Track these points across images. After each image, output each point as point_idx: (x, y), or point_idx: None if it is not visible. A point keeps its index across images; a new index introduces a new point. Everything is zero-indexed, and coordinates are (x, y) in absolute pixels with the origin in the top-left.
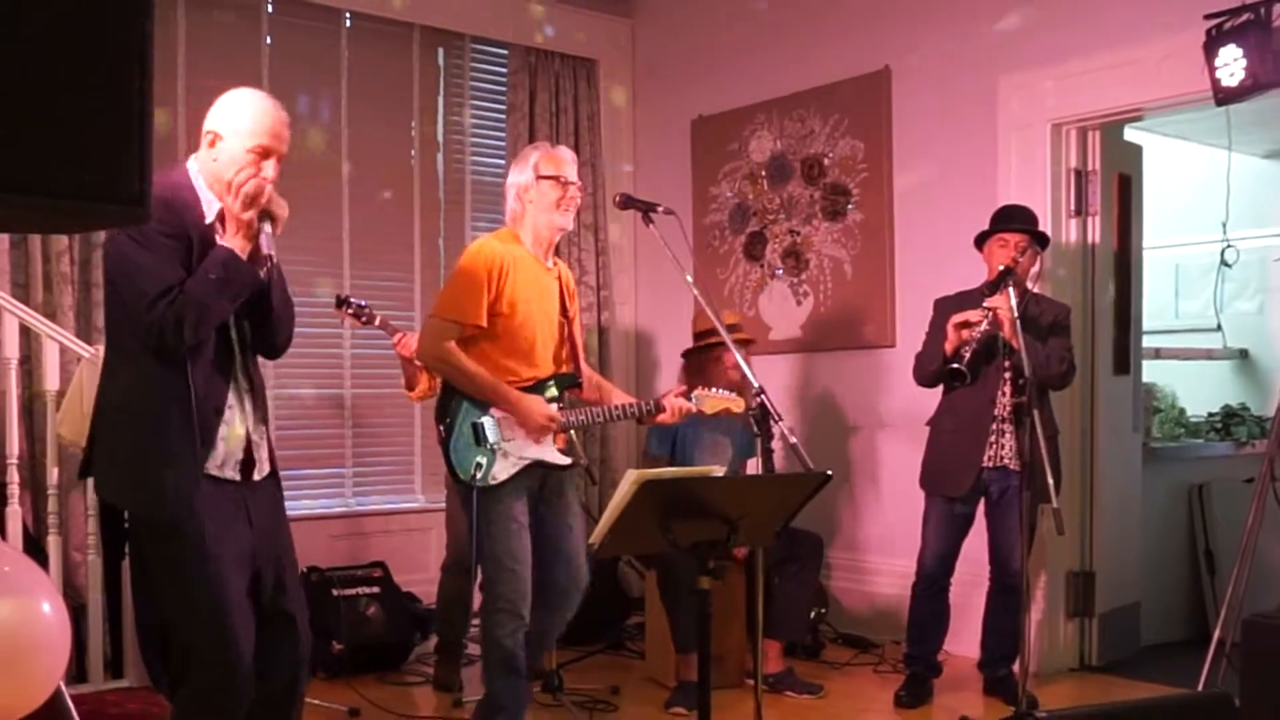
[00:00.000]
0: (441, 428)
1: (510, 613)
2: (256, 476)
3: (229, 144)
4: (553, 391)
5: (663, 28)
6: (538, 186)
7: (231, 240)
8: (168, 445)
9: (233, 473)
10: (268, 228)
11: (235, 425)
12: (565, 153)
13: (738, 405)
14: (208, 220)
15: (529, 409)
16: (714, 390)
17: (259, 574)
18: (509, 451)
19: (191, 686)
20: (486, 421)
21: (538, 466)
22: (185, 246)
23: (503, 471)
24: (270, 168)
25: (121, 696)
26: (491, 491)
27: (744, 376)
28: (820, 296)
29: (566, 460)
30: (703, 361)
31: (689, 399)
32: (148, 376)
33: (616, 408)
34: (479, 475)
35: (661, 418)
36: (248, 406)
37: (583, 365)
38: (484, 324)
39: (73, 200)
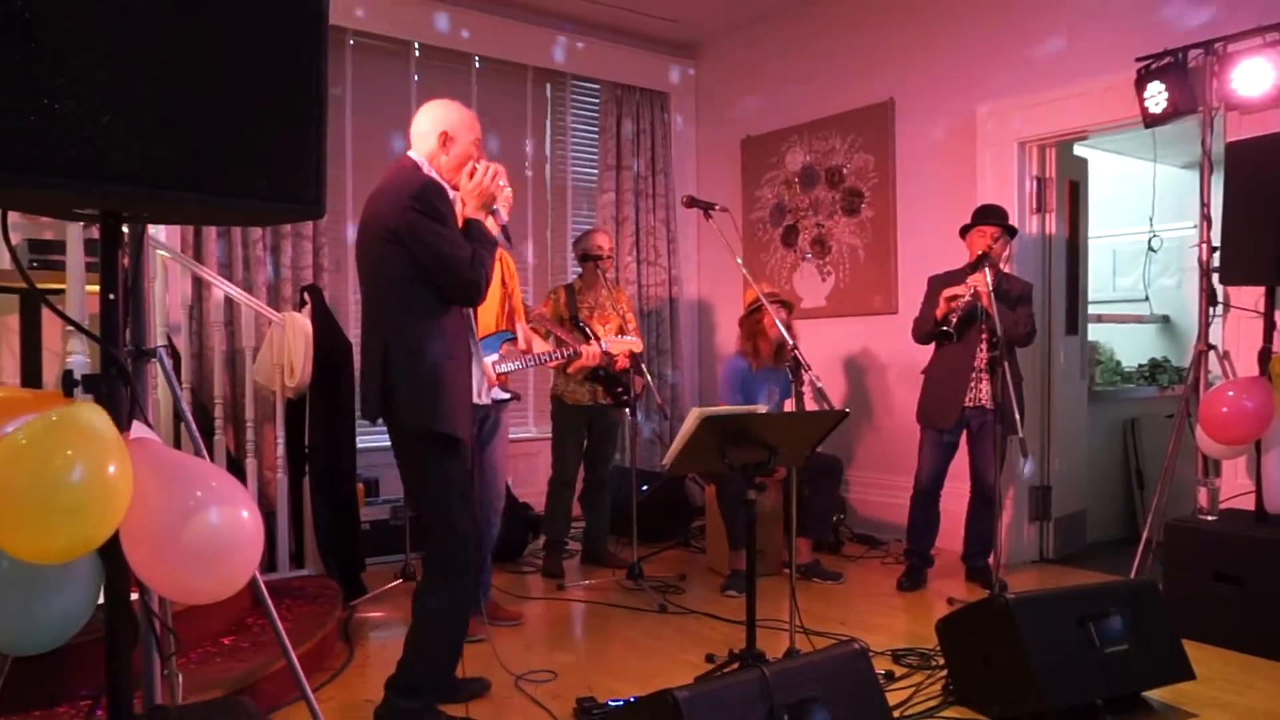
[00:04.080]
0: None
1: None
2: (488, 400)
3: (463, 141)
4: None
5: (719, 69)
6: None
7: (474, 213)
8: (455, 379)
9: (484, 399)
10: (498, 207)
11: (477, 365)
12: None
13: (636, 346)
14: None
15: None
16: (619, 337)
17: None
18: None
19: (446, 573)
20: None
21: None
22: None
23: None
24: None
25: (302, 582)
26: None
27: (781, 332)
28: (840, 274)
29: (507, 395)
30: (752, 323)
31: (599, 347)
32: (438, 327)
33: (542, 354)
34: None
35: (580, 362)
36: (475, 350)
37: (519, 326)
38: None
39: (268, 201)
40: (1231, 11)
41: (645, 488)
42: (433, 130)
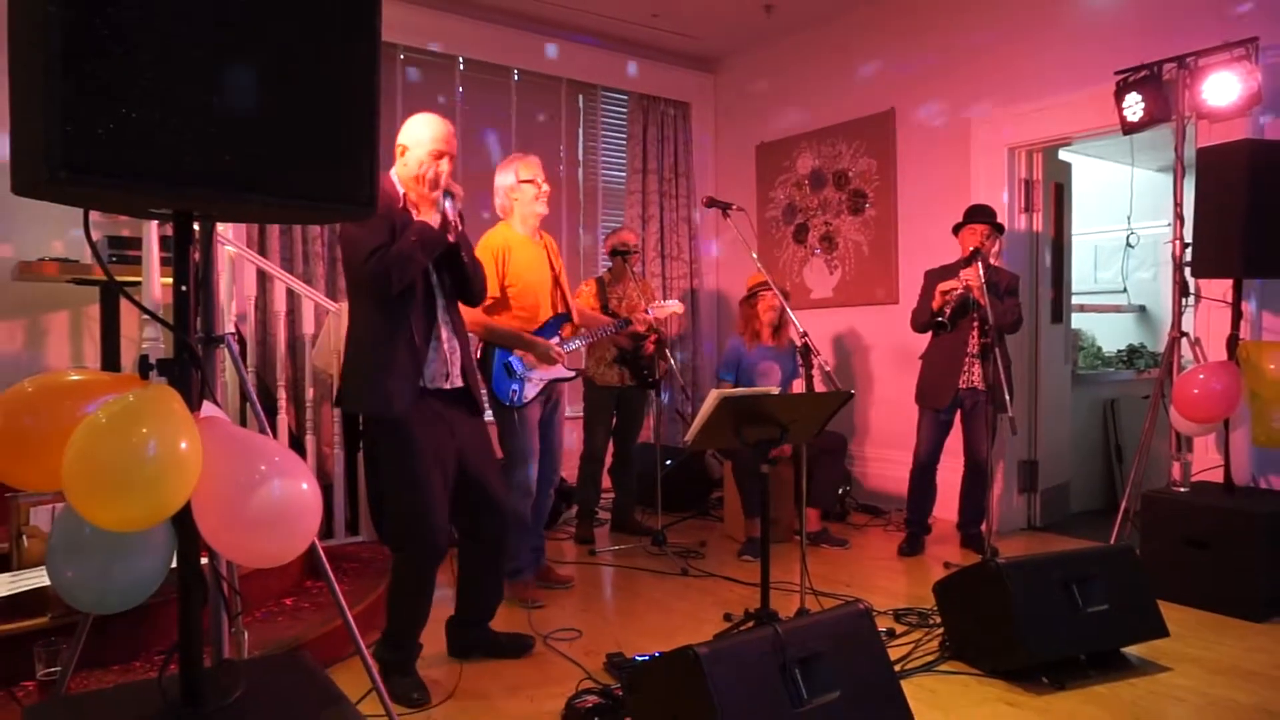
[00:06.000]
0: (482, 373)
1: (525, 490)
2: (448, 386)
3: (414, 152)
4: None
5: (736, 81)
6: (520, 188)
7: (424, 215)
8: (393, 365)
9: (440, 383)
10: (448, 202)
11: (439, 350)
12: (535, 159)
13: (679, 309)
14: (401, 205)
15: (542, 347)
16: (662, 302)
17: (462, 465)
18: (531, 377)
19: (401, 547)
20: (513, 360)
21: (551, 382)
22: (389, 223)
23: (531, 392)
24: (445, 164)
25: (356, 548)
26: (523, 409)
27: (782, 315)
28: (846, 268)
29: (571, 373)
30: (748, 306)
31: (647, 313)
32: (377, 318)
33: (599, 329)
34: (515, 398)
35: (632, 327)
36: (444, 335)
37: (571, 305)
38: (499, 294)
39: (325, 202)
40: (1202, 29)
41: (669, 462)
42: (396, 145)
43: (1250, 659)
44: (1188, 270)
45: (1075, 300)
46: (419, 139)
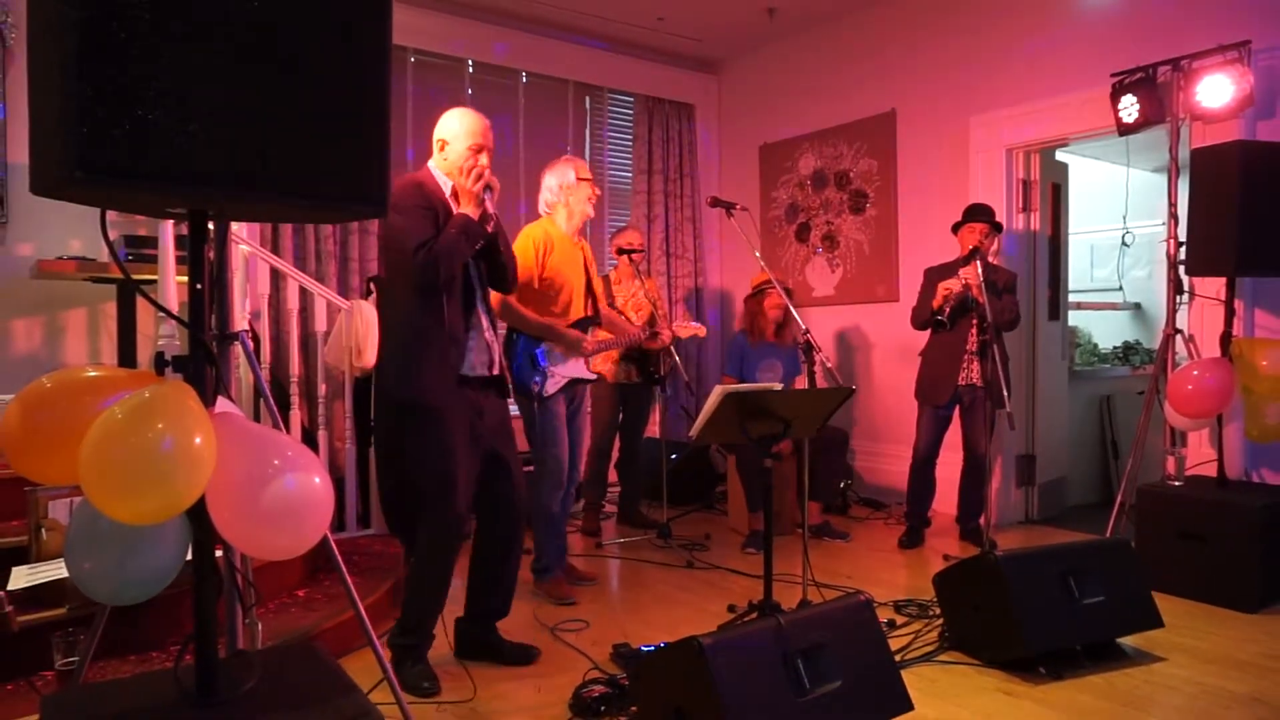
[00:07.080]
0: (506, 359)
1: (555, 484)
2: (488, 373)
3: (454, 146)
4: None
5: (739, 83)
6: (577, 187)
7: (465, 208)
8: (434, 354)
9: (481, 371)
10: (488, 195)
11: (479, 339)
12: (584, 162)
13: (701, 331)
14: (446, 196)
15: (572, 338)
16: (688, 323)
17: (487, 447)
18: (554, 373)
19: (426, 527)
20: (539, 353)
21: (573, 383)
22: (434, 215)
23: (552, 387)
24: (484, 158)
25: (368, 541)
26: (545, 401)
27: (786, 313)
28: (847, 267)
29: (593, 376)
30: (754, 303)
31: (671, 330)
32: (417, 307)
33: (626, 337)
34: (537, 390)
35: (657, 342)
36: (483, 323)
37: (602, 309)
38: (536, 285)
39: (336, 201)
40: (1196, 32)
41: (674, 456)
42: (435, 139)
43: (1243, 649)
44: (1182, 269)
45: (1072, 298)
46: (457, 133)
